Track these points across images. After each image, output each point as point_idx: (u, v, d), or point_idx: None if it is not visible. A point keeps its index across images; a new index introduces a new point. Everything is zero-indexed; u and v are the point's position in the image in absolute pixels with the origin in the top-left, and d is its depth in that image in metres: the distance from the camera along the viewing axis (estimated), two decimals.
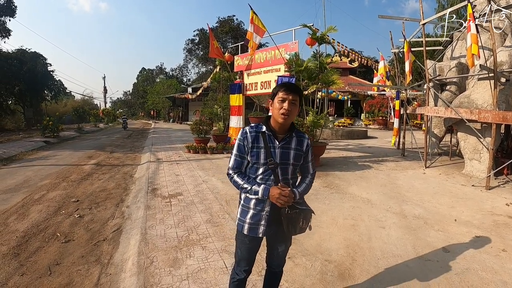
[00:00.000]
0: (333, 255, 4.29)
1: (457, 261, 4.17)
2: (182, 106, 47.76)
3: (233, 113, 13.81)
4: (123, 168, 11.06)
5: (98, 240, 5.12)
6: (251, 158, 2.49)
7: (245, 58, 13.75)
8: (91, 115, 45.46)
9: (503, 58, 8.33)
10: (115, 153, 14.98)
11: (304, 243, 4.60)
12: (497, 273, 3.88)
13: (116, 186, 8.56)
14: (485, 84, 8.72)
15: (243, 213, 2.58)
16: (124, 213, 6.35)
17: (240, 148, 2.53)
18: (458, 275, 3.83)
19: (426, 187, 8.07)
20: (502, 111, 7.94)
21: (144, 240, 4.75)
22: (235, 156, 2.55)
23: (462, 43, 11.20)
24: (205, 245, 4.55)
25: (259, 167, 2.49)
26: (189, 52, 58.84)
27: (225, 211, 6.08)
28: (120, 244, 4.92)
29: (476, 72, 9.12)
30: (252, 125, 2.58)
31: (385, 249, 4.48)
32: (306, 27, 10.82)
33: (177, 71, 75.13)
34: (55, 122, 21.28)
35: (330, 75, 10.72)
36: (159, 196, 7.12)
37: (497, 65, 7.79)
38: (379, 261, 4.14)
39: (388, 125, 27.99)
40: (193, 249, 4.42)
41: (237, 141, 2.55)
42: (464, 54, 10.87)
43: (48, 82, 33.13)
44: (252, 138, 2.48)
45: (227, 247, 4.48)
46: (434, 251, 4.44)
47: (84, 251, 4.74)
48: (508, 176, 8.90)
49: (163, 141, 19.70)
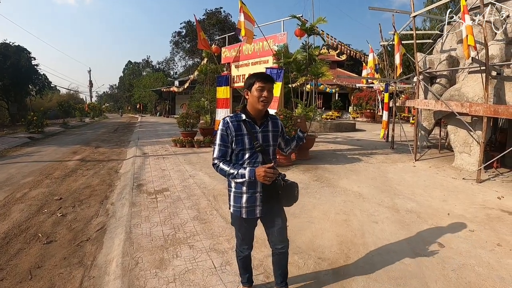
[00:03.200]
0: (326, 252, 4.13)
1: (453, 256, 4.06)
2: (169, 100, 47.20)
3: (220, 106, 13.55)
4: (108, 164, 10.78)
5: (81, 240, 4.88)
6: (236, 146, 2.67)
7: (232, 50, 13.50)
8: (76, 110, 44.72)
9: (494, 51, 8.27)
10: (100, 148, 14.65)
11: (296, 240, 4.44)
12: (493, 269, 3.80)
13: (100, 182, 8.30)
14: (476, 78, 8.66)
15: (236, 199, 2.77)
16: (108, 211, 6.11)
17: (223, 138, 2.68)
18: (455, 271, 3.73)
19: (417, 180, 7.99)
20: (494, 104, 7.88)
21: (129, 239, 4.53)
22: (219, 146, 2.70)
23: (452, 36, 11.13)
24: (192, 244, 4.36)
25: (245, 152, 2.68)
26: (175, 44, 58.14)
27: (213, 207, 5.89)
28: (104, 244, 4.70)
29: (467, 65, 9.06)
30: (231, 115, 2.78)
31: (380, 245, 4.34)
32: (295, 18, 10.64)
33: (164, 64, 74.29)
34: (40, 117, 20.81)
35: (319, 67, 10.56)
36: (144, 192, 6.89)
37: (488, 59, 7.72)
38: (373, 258, 4.00)
39: (376, 118, 28.05)
40: (180, 249, 4.22)
41: (219, 131, 2.70)
42: (455, 48, 10.82)
43: (33, 77, 32.28)
44: (235, 127, 2.66)
45: (215, 246, 4.30)
46: (429, 247, 4.33)
47: (66, 252, 4.51)
48: (498, 169, 8.88)
49: (149, 135, 19.39)
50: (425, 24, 34.28)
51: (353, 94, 33.73)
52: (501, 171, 8.78)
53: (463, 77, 9.41)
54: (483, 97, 8.10)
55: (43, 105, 37.75)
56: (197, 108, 16.11)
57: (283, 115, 9.13)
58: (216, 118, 13.80)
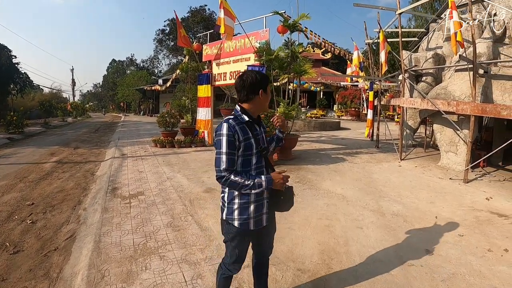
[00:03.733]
0: (307, 263, 3.80)
1: (442, 265, 3.83)
2: (152, 99, 46.49)
3: (201, 104, 13.15)
4: (85, 166, 10.29)
5: (49, 250, 4.50)
6: (243, 151, 2.38)
7: (214, 47, 13.11)
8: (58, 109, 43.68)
9: (482, 49, 8.09)
10: (79, 148, 14.09)
11: (275, 249, 4.06)
12: (485, 278, 3.58)
13: (75, 186, 7.85)
14: (462, 76, 8.48)
15: (243, 211, 2.46)
16: (80, 217, 5.70)
17: (231, 144, 2.33)
18: (445, 281, 3.49)
19: (402, 180, 7.75)
20: (481, 103, 7.70)
21: (97, 249, 4.17)
22: (227, 155, 2.32)
23: (438, 34, 10.98)
24: (163, 254, 4.00)
25: (252, 157, 2.45)
26: (159, 42, 57.39)
27: (188, 212, 5.52)
28: (71, 254, 4.32)
29: (453, 63, 8.88)
30: (230, 117, 2.45)
31: (364, 254, 4.04)
32: (278, 14, 10.31)
33: (148, 62, 73.25)
34: (20, 117, 20.10)
35: (302, 64, 10.25)
36: (118, 197, 6.48)
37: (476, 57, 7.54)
38: (358, 268, 3.70)
39: (361, 117, 27.97)
40: (150, 260, 3.88)
41: (225, 137, 2.32)
42: (441, 46, 10.67)
43: (13, 76, 31.30)
44: (241, 131, 2.37)
45: (187, 256, 3.94)
46: (417, 254, 4.07)
47: (33, 263, 4.15)
48: (485, 169, 8.73)
49: (130, 134, 18.87)
50: (410, 23, 34.36)
51: (337, 92, 33.60)
52: (487, 170, 8.63)
53: (449, 75, 9.23)
54: (470, 96, 7.93)
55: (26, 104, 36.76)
56: (178, 107, 15.68)
57: (264, 114, 8.80)
58: (197, 118, 13.40)
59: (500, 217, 5.43)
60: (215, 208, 5.65)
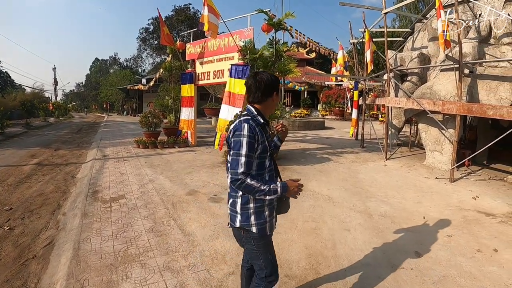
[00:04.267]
0: (294, 268, 3.66)
1: (432, 267, 3.75)
2: (136, 98, 45.84)
3: (184, 104, 12.91)
4: (66, 168, 9.95)
5: (27, 258, 4.26)
6: (260, 153, 2.31)
7: (197, 46, 12.90)
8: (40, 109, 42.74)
9: (467, 49, 8.09)
10: (60, 150, 13.66)
11: None
12: (476, 279, 3.52)
13: (55, 189, 7.54)
14: (448, 76, 8.50)
15: (259, 215, 2.36)
16: (59, 223, 5.42)
17: (251, 146, 2.21)
18: (436, 284, 3.42)
19: (388, 180, 7.68)
20: (467, 102, 7.70)
21: (76, 257, 3.94)
22: (246, 157, 2.19)
23: (423, 34, 10.99)
24: (145, 262, 3.81)
25: (266, 160, 2.38)
26: (142, 41, 56.67)
27: (170, 216, 5.31)
28: (50, 263, 4.08)
29: (439, 63, 8.88)
30: (248, 118, 2.33)
31: (353, 257, 3.92)
32: (263, 12, 10.15)
33: (132, 61, 72.41)
34: (0, 117, 19.52)
35: (286, 63, 10.12)
36: (99, 200, 6.22)
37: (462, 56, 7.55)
38: (347, 273, 3.57)
39: (345, 116, 28.07)
40: (131, 268, 3.68)
41: (246, 138, 2.20)
42: (426, 45, 10.68)
43: None
44: (259, 132, 2.29)
45: (170, 263, 3.76)
46: (406, 256, 3.97)
47: (10, 273, 3.91)
48: (470, 167, 8.74)
49: (113, 135, 18.47)
50: (394, 23, 34.62)
51: (322, 92, 33.66)
52: (473, 169, 8.66)
53: (434, 75, 9.24)
54: (455, 95, 7.94)
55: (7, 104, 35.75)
56: (161, 107, 15.38)
57: None
58: (181, 117, 13.17)
59: (487, 216, 5.40)
60: (198, 212, 5.47)
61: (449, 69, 8.38)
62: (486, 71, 8.02)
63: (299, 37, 14.24)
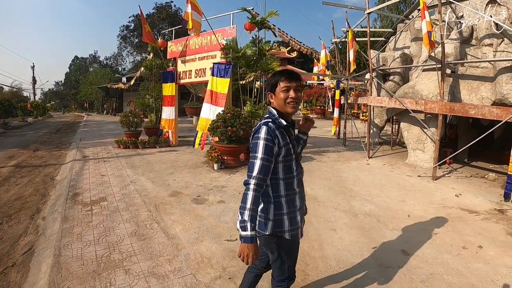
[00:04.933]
0: None
1: (419, 265, 3.75)
2: (116, 97, 45.10)
3: (166, 103, 12.72)
4: (45, 169, 9.64)
5: (6, 266, 4.04)
6: (284, 156, 2.21)
7: (179, 44, 12.73)
8: (18, 109, 41.66)
9: (449, 50, 8.18)
10: (39, 151, 13.25)
11: None
12: (463, 276, 3.55)
13: (34, 192, 7.26)
14: (430, 75, 8.59)
15: (292, 221, 2.32)
16: (38, 227, 5.19)
17: (269, 149, 2.12)
18: (424, 282, 3.41)
19: (372, 179, 7.70)
20: (449, 102, 7.79)
21: (57, 264, 3.76)
22: (261, 160, 2.10)
23: (406, 34, 11.10)
24: (129, 267, 3.66)
25: (292, 163, 2.29)
26: (123, 39, 55.70)
27: (153, 219, 5.17)
28: (30, 271, 3.88)
29: (421, 62, 8.97)
30: (268, 120, 2.24)
31: (340, 258, 3.88)
32: (246, 11, 10.08)
33: (112, 59, 71.30)
34: None
35: (269, 62, 10.06)
36: (79, 203, 5.99)
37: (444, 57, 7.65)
38: (335, 273, 3.53)
39: (326, 115, 28.18)
40: (115, 274, 3.53)
41: (262, 141, 2.12)
42: (408, 45, 10.79)
43: None
44: (281, 135, 2.19)
45: (154, 269, 3.63)
46: (393, 255, 3.96)
47: None
48: (451, 165, 8.84)
49: (93, 135, 18.06)
50: (376, 24, 34.92)
51: (303, 91, 33.74)
52: (454, 167, 8.77)
53: (416, 75, 9.32)
54: (437, 95, 8.02)
55: None
56: (142, 106, 15.13)
57: (230, 113, 8.55)
58: (162, 117, 12.98)
59: (471, 213, 5.46)
60: (181, 214, 5.35)
61: (431, 69, 8.47)
62: (467, 71, 8.14)
63: (282, 36, 14.22)
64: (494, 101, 7.48)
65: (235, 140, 8.49)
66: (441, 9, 7.68)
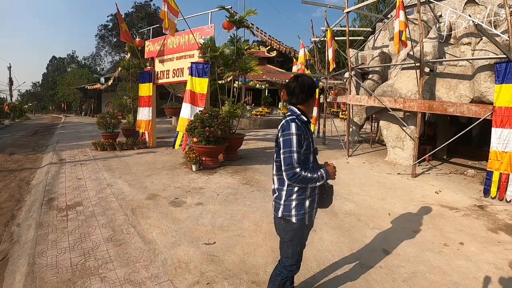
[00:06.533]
0: (261, 273, 3.46)
1: (401, 264, 3.70)
2: (94, 98, 44.24)
3: (142, 104, 12.44)
4: (20, 174, 9.26)
5: None
6: (305, 150, 2.47)
7: (157, 44, 12.49)
8: None
9: (427, 49, 8.22)
10: (15, 154, 12.77)
11: (225, 260, 3.72)
12: (445, 273, 3.52)
13: (8, 198, 6.93)
14: (409, 74, 8.63)
15: (299, 207, 2.54)
16: (13, 235, 4.91)
17: (300, 143, 2.41)
18: (406, 281, 3.37)
19: (352, 177, 7.67)
20: (427, 100, 7.83)
21: (32, 273, 3.55)
22: (297, 153, 2.40)
23: (385, 33, 11.14)
24: (104, 275, 3.48)
25: (310, 155, 2.54)
26: (101, 38, 54.72)
27: (130, 223, 4.97)
28: (4, 280, 3.65)
29: (399, 61, 9.00)
30: (293, 117, 2.50)
31: (321, 259, 3.78)
32: (224, 9, 9.95)
33: (90, 60, 69.83)
34: None
35: (248, 61, 9.95)
36: (55, 209, 5.72)
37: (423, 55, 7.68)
38: (316, 275, 3.43)
39: None
40: (90, 282, 3.35)
41: (295, 136, 2.40)
42: (387, 44, 10.83)
43: None
44: (305, 129, 2.48)
45: (131, 275, 3.46)
46: (374, 255, 3.90)
47: None
48: (430, 162, 8.91)
49: (70, 137, 17.57)
50: (355, 23, 35.14)
51: (283, 90, 33.74)
52: (433, 164, 8.84)
53: (395, 73, 9.35)
54: (416, 93, 8.06)
55: None
56: (120, 107, 14.80)
57: (208, 113, 8.40)
58: (138, 118, 12.69)
59: (451, 210, 5.47)
60: (159, 217, 5.17)
61: (410, 67, 8.50)
62: (446, 69, 8.20)
63: (261, 35, 14.13)
64: (472, 98, 7.55)
65: (213, 140, 8.34)
66: (420, 8, 7.71)
